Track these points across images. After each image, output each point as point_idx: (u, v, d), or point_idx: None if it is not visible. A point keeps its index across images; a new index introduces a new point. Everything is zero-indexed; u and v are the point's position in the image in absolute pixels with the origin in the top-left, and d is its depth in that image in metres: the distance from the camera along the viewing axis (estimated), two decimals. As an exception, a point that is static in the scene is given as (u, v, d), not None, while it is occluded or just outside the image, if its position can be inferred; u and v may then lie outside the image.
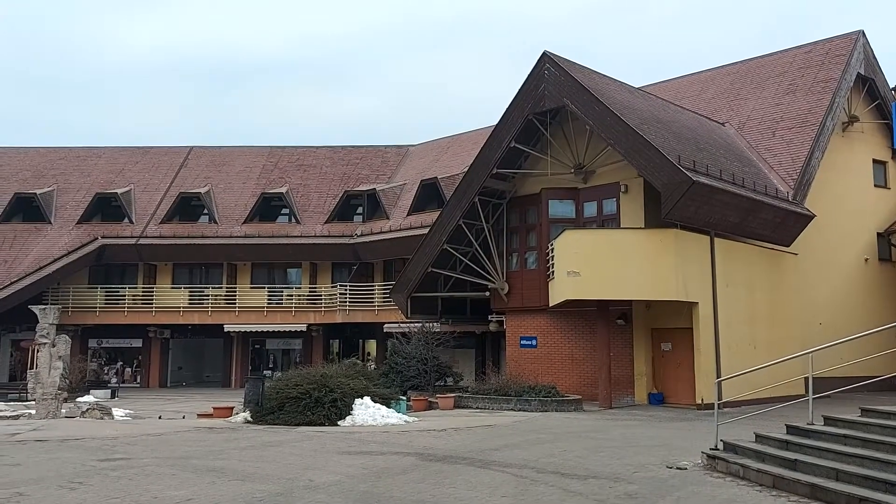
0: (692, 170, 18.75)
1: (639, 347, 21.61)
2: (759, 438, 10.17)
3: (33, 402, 19.16)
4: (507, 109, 22.05)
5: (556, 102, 20.99)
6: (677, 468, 10.14)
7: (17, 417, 18.12)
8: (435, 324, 24.15)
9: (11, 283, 32.23)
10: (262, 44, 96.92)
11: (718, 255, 20.34)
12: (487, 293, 23.85)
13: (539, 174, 22.52)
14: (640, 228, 20.19)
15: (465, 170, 24.73)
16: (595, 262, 19.39)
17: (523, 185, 23.34)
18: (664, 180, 18.67)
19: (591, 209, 21.76)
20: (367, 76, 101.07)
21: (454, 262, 23.96)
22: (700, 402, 19.19)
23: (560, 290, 20.24)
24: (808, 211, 22.73)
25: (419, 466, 10.32)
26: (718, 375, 18.41)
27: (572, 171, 21.93)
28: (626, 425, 16.03)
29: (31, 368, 19.78)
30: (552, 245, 20.84)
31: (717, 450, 10.33)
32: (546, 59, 21.28)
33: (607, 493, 8.57)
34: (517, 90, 21.89)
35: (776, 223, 21.89)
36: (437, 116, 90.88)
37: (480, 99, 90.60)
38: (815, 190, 23.73)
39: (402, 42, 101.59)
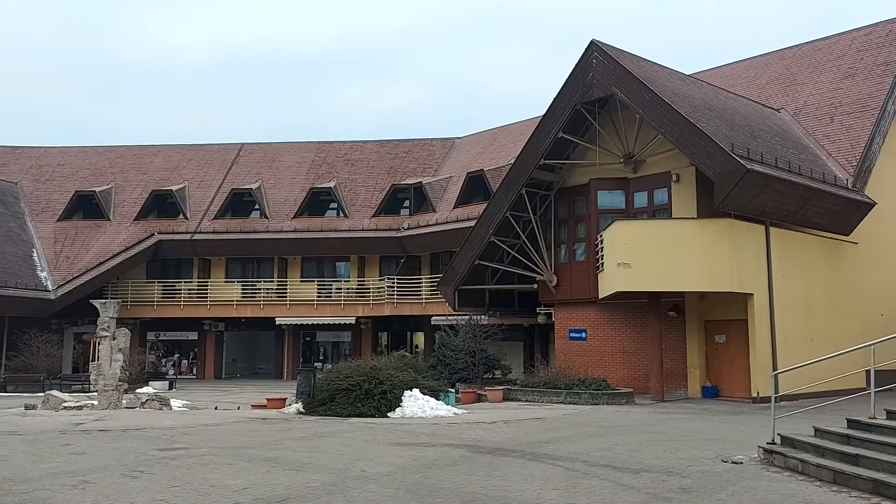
0: (746, 158, 18.29)
1: (692, 340, 21.24)
2: (819, 433, 9.90)
3: (95, 393, 19.82)
4: (555, 99, 21.84)
5: (605, 91, 20.70)
6: (733, 462, 9.94)
7: (80, 408, 18.78)
8: (482, 316, 24.14)
9: (73, 279, 33.42)
10: (308, 40, 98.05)
11: (774, 245, 19.82)
12: (535, 285, 23.71)
13: (587, 164, 22.26)
14: (693, 218, 19.80)
15: (512, 161, 24.61)
16: (646, 254, 19.10)
17: (571, 176, 23.11)
18: (717, 169, 18.26)
19: (641, 199, 21.42)
20: (414, 69, 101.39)
21: (501, 254, 23.89)
22: (755, 395, 18.77)
23: (610, 282, 20.01)
24: (869, 198, 21.95)
25: (469, 458, 10.35)
26: (775, 368, 17.96)
27: (622, 160, 21.62)
28: (679, 419, 15.79)
29: (93, 360, 20.46)
30: (601, 236, 20.60)
31: (774, 444, 10.09)
32: (594, 48, 20.99)
33: (661, 486, 8.45)
34: (564, 80, 21.67)
35: (835, 211, 21.21)
36: (483, 108, 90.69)
37: (527, 90, 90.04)
38: (876, 177, 22.89)
39: (448, 34, 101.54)
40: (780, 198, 19.56)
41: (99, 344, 20.00)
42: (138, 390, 24.49)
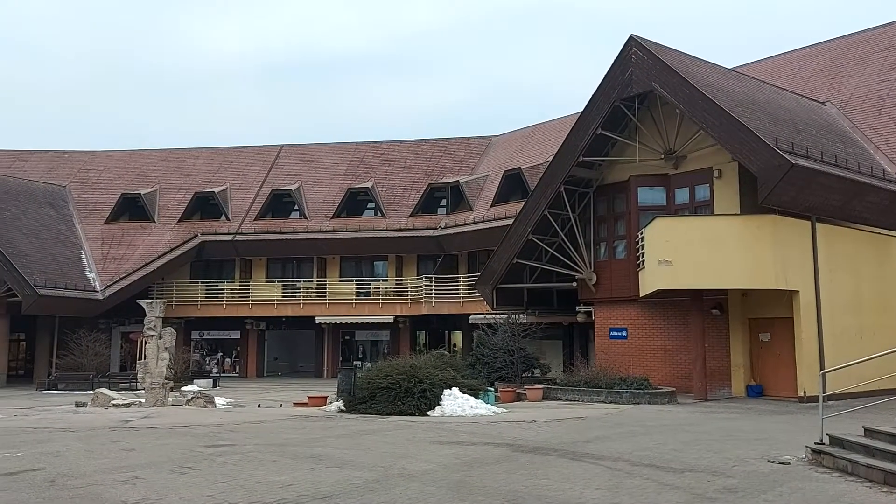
0: (790, 152, 17.91)
1: (735, 338, 20.89)
2: (869, 433, 9.65)
3: (143, 391, 20.29)
4: (593, 96, 21.66)
5: (644, 87, 20.46)
6: (779, 462, 9.76)
7: (128, 405, 19.25)
8: (521, 315, 24.07)
9: (120, 279, 34.26)
10: (343, 41, 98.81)
11: (820, 241, 19.37)
12: (574, 284, 23.56)
13: (627, 161, 22.04)
14: (736, 215, 19.47)
15: (550, 159, 24.47)
16: (688, 251, 18.83)
17: (610, 173, 22.90)
18: (761, 164, 17.92)
19: (682, 196, 21.14)
20: (449, 68, 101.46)
21: (539, 252, 23.79)
22: (802, 394, 18.38)
23: (651, 280, 19.78)
24: (920, 192, 21.31)
25: (511, 457, 10.34)
26: (822, 366, 17.57)
27: (662, 156, 21.35)
28: (723, 418, 15.55)
29: (140, 359, 20.97)
30: (642, 233, 20.38)
31: (823, 444, 9.87)
32: (633, 43, 20.77)
33: (705, 486, 8.34)
34: (603, 76, 21.48)
35: (884, 206, 20.64)
36: (518, 106, 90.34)
37: (563, 87, 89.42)
38: (928, 170, 22.22)
39: (482, 32, 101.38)
40: (827, 193, 19.11)
41: (146, 343, 20.47)
42: (184, 388, 25.00)
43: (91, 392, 22.63)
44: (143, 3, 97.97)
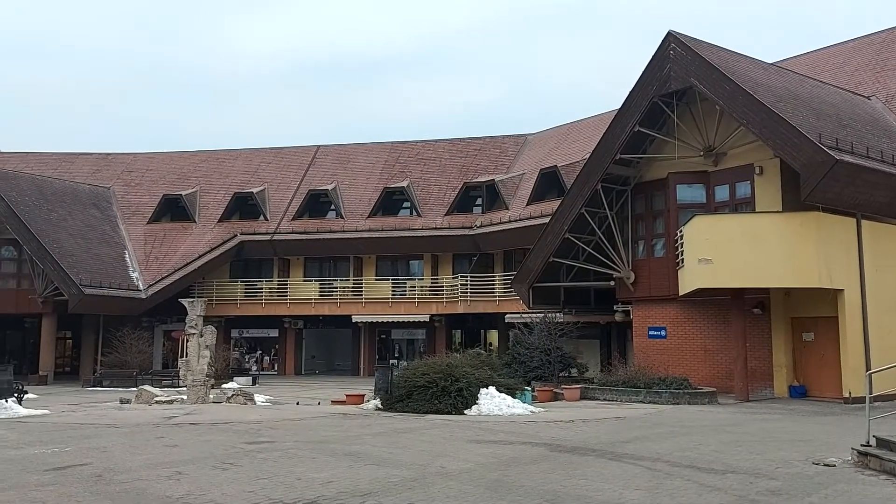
0: (835, 148, 17.50)
1: (777, 337, 20.48)
2: (919, 436, 9.39)
3: (184, 388, 20.67)
4: (631, 93, 21.43)
5: (683, 83, 20.18)
6: (824, 465, 9.56)
7: (171, 402, 19.61)
8: (558, 314, 23.93)
9: (163, 279, 34.99)
10: (376, 40, 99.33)
11: (866, 239, 18.92)
12: (612, 282, 23.35)
13: (665, 158, 21.76)
14: (778, 212, 19.09)
15: (586, 157, 24.28)
16: (728, 249, 18.53)
17: (649, 170, 22.63)
18: (803, 160, 17.54)
19: (722, 193, 20.81)
20: (482, 67, 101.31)
21: (577, 251, 23.63)
22: (847, 395, 17.95)
23: (690, 279, 19.51)
24: (972, 188, 20.63)
25: (548, 457, 10.30)
26: (868, 367, 17.15)
27: (701, 153, 21.03)
28: (765, 419, 15.27)
29: (181, 357, 21.34)
30: (681, 231, 20.11)
31: (869, 446, 9.63)
32: (671, 39, 20.50)
33: (748, 489, 8.21)
34: (640, 73, 21.24)
35: (933, 203, 20.04)
36: (553, 105, 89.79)
37: (598, 85, 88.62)
38: (980, 164, 21.50)
39: (516, 31, 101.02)
40: (872, 189, 18.63)
41: (187, 341, 20.83)
42: (224, 385, 25.34)
43: (135, 389, 23.12)
44: (180, 9, 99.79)
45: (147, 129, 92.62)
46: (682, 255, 20.07)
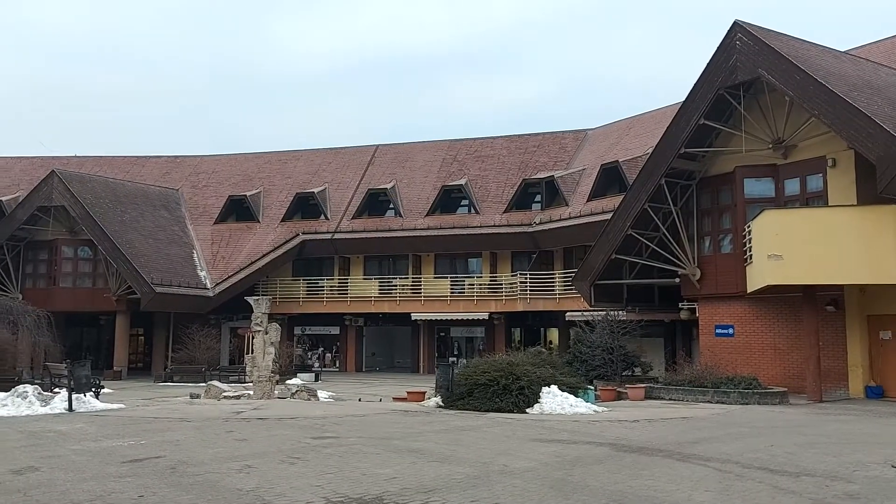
0: (914, 137, 16.70)
1: (852, 336, 19.70)
2: None
3: (251, 384, 21.18)
4: (695, 85, 20.94)
5: (750, 74, 19.59)
6: (905, 469, 9.13)
7: (238, 397, 20.13)
8: (620, 312, 23.57)
9: (229, 277, 35.97)
10: (431, 37, 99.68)
11: (948, 233, 17.98)
12: (677, 279, 22.86)
13: (732, 151, 21.17)
14: (852, 206, 18.36)
15: (649, 151, 23.85)
16: (799, 244, 17.91)
17: (714, 164, 22.06)
18: (879, 152, 16.80)
19: (792, 187, 20.14)
20: (542, 61, 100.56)
21: (640, 247, 23.22)
22: (929, 397, 17.13)
23: (759, 276, 18.94)
24: None
25: (613, 457, 10.14)
26: (952, 368, 16.32)
27: (770, 146, 20.38)
28: (840, 420, 14.70)
29: (247, 353, 21.87)
30: (749, 227, 19.56)
31: (957, 451, 9.16)
32: (737, 29, 19.94)
33: (824, 492, 7.90)
34: (705, 64, 20.73)
35: None
36: (613, 99, 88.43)
37: (662, 77, 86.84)
38: None
39: (574, 24, 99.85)
40: (955, 180, 17.70)
41: (253, 338, 21.34)
42: (288, 381, 25.89)
43: (203, 384, 23.82)
44: (235, 14, 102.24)
45: (211, 131, 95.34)
46: (750, 251, 19.53)
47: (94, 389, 18.23)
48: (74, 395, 16.24)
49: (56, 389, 18.81)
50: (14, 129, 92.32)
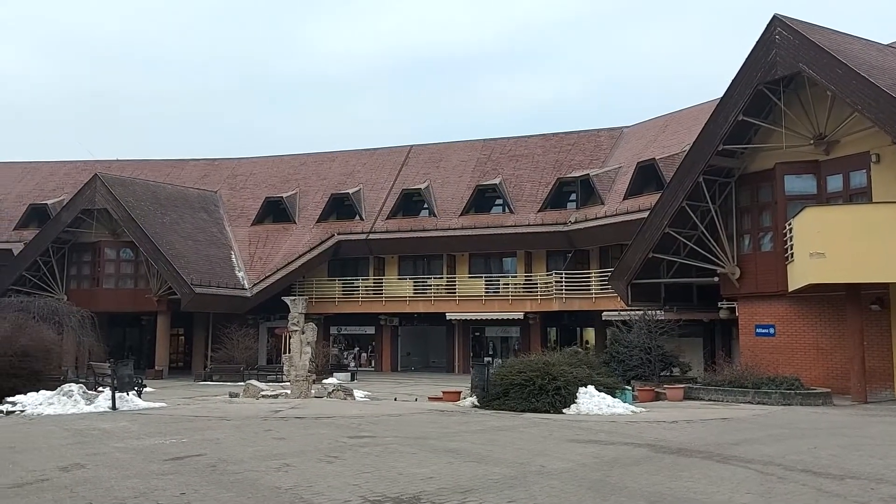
0: (963, 131, 16.22)
1: (899, 335, 19.18)
2: None
3: (288, 383, 21.43)
4: (733, 81, 20.59)
5: (790, 69, 19.20)
6: (957, 473, 8.86)
7: (276, 396, 20.39)
8: (658, 311, 23.29)
9: (266, 278, 36.44)
10: (466, 38, 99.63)
11: None
12: (716, 278, 22.51)
13: (772, 148, 20.77)
14: (897, 202, 17.87)
15: (686, 149, 23.54)
16: (842, 242, 17.50)
17: (754, 161, 21.67)
18: (927, 146, 16.33)
19: (835, 183, 19.69)
20: (576, 57, 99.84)
21: (677, 246, 22.92)
22: (981, 399, 16.60)
23: (801, 274, 18.55)
24: None
25: (652, 458, 10.03)
26: None
27: (811, 142, 19.95)
28: (885, 422, 14.34)
29: (284, 353, 22.12)
30: (790, 224, 19.17)
31: None
32: (777, 23, 19.56)
33: (869, 495, 7.71)
34: (744, 59, 20.39)
35: None
36: (651, 95, 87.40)
37: (699, 73, 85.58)
38: None
39: (610, 19, 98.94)
40: None
41: (290, 337, 21.58)
42: (324, 381, 26.14)
43: (242, 383, 24.17)
44: (268, 17, 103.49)
45: (248, 134, 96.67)
46: (791, 249, 19.15)
47: (136, 388, 18.61)
48: (118, 394, 16.61)
49: (100, 388, 19.27)
50: (59, 134, 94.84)
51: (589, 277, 32.83)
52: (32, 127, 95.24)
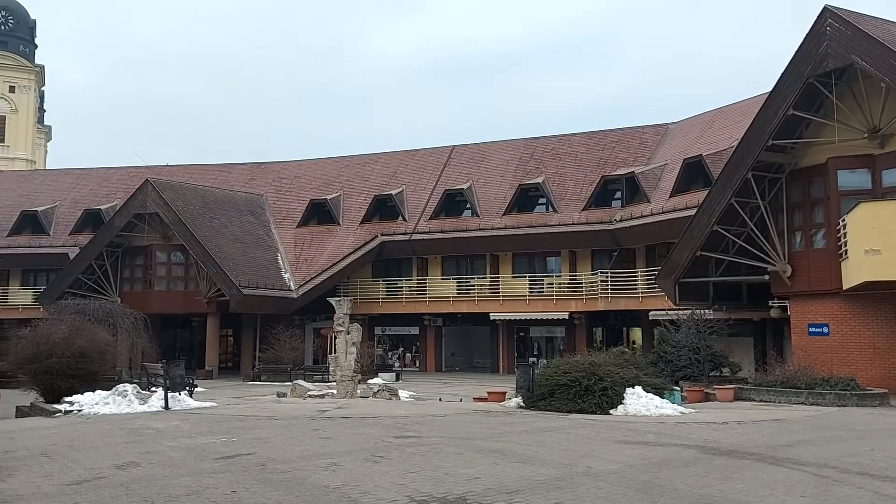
0: None
1: (961, 335, 18.48)
2: None
3: (334, 383, 21.66)
4: (783, 74, 20.11)
5: (842, 61, 18.67)
6: None
7: (322, 396, 20.63)
8: (706, 310, 22.87)
9: (311, 279, 36.91)
10: (506, 35, 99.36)
11: None
12: (766, 276, 22.01)
13: (824, 142, 20.21)
14: (958, 196, 17.23)
15: (734, 144, 23.07)
16: (900, 238, 16.94)
17: (805, 156, 21.12)
18: None
19: (891, 177, 19.10)
20: (618, 54, 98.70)
21: (726, 244, 22.47)
22: None
23: (856, 271, 18.02)
24: None
25: (701, 460, 9.86)
26: None
27: (865, 135, 19.36)
28: (949, 425, 13.81)
29: (330, 353, 22.36)
30: (844, 220, 18.64)
31: None
32: (827, 14, 19.05)
33: (932, 500, 7.45)
34: (793, 52, 19.91)
35: None
36: (696, 90, 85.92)
37: (745, 69, 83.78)
38: None
39: (652, 14, 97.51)
40: None
41: (335, 338, 21.81)
42: (370, 381, 26.35)
43: (289, 383, 24.51)
44: (313, 24, 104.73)
45: (293, 137, 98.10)
46: (845, 245, 18.62)
47: (188, 388, 19.02)
48: (170, 394, 17.00)
49: (153, 388, 19.74)
50: (111, 141, 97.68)
51: (635, 276, 32.41)
52: (90, 134, 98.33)
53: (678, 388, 18.70)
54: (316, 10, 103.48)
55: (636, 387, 16.33)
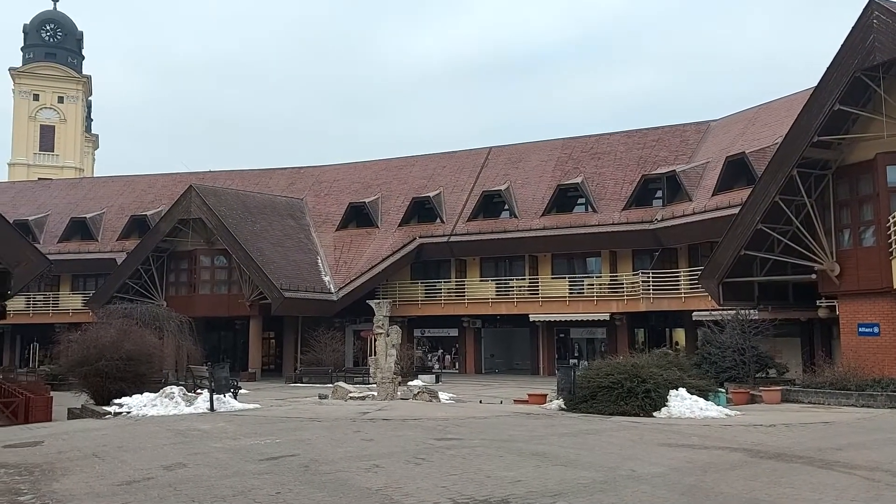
0: None
1: None
2: None
3: (374, 385, 21.81)
4: (828, 68, 19.61)
5: (890, 54, 18.15)
6: None
7: (363, 398, 20.79)
8: (751, 310, 22.41)
9: (351, 282, 37.20)
10: (544, 34, 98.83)
11: None
12: (813, 275, 21.48)
13: (872, 138, 19.66)
14: None
15: (778, 141, 22.58)
16: (954, 235, 16.38)
17: (852, 152, 20.57)
18: None
19: (942, 173, 18.47)
20: (660, 50, 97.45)
21: (771, 242, 22.00)
22: None
23: (907, 269, 17.47)
24: None
25: (748, 463, 9.68)
26: None
27: (915, 129, 18.78)
28: None
29: (370, 355, 22.52)
30: (893, 217, 18.10)
31: None
32: (874, 6, 18.53)
33: None
34: (839, 46, 19.39)
35: None
36: (732, 88, 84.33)
37: (787, 64, 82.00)
38: None
39: (678, 13, 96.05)
40: None
41: (375, 340, 21.97)
42: (410, 383, 26.46)
43: (330, 385, 24.74)
44: (341, 28, 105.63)
45: (332, 142, 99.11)
46: (895, 243, 18.02)
47: (232, 390, 19.35)
48: (215, 396, 17.31)
49: (198, 390, 20.13)
50: (157, 148, 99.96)
51: (677, 276, 31.93)
52: (135, 141, 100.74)
53: (723, 390, 18.40)
54: (348, 14, 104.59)
55: (680, 389, 16.12)
